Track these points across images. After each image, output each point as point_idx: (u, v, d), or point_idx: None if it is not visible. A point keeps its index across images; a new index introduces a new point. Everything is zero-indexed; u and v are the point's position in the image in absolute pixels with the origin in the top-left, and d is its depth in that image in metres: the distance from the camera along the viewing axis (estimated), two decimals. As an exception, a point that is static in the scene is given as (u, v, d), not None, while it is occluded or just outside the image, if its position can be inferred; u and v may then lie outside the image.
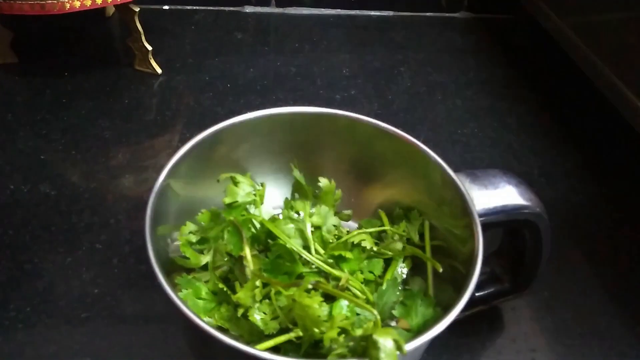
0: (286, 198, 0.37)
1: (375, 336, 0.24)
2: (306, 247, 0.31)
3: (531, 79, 0.66)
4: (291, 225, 0.31)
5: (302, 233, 0.31)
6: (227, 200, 0.30)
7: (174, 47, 0.64)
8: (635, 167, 0.55)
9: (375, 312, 0.26)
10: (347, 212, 0.38)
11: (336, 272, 0.30)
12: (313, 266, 0.30)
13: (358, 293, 0.30)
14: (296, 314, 0.26)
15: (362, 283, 0.31)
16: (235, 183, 0.31)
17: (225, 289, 0.29)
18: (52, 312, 0.38)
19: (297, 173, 0.34)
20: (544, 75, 0.67)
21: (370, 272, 0.33)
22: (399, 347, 0.24)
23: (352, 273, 0.32)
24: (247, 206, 0.31)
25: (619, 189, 0.53)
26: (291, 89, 0.60)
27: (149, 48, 0.59)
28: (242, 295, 0.27)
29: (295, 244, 0.30)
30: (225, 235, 0.30)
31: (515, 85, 0.65)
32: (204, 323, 0.24)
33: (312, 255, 0.31)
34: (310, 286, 0.27)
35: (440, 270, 0.31)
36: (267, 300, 0.28)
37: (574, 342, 0.40)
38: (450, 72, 0.66)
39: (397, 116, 0.58)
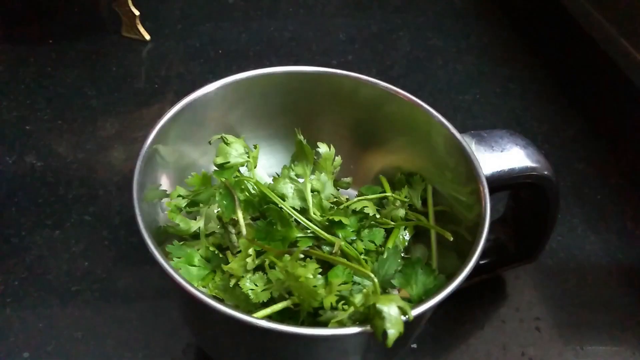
0: (285, 165, 0.35)
1: (379, 305, 0.22)
2: (304, 210, 0.29)
3: (534, 43, 0.64)
4: (290, 185, 0.29)
5: (300, 193, 0.29)
6: (219, 160, 0.28)
7: (162, 12, 0.62)
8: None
9: (373, 275, 0.25)
10: (347, 179, 0.36)
11: (331, 238, 0.29)
12: (308, 231, 0.29)
13: (354, 259, 0.29)
14: (291, 285, 0.25)
15: (361, 253, 0.30)
16: (227, 143, 0.29)
17: (218, 253, 0.28)
18: (41, 285, 0.37)
19: (299, 136, 0.33)
20: (548, 39, 0.65)
21: (371, 241, 0.31)
22: (404, 313, 0.22)
23: (350, 241, 0.30)
24: (240, 169, 0.30)
25: (624, 156, 0.52)
26: (285, 54, 0.58)
27: (137, 13, 0.56)
28: (234, 265, 0.26)
29: (290, 207, 0.28)
30: (217, 198, 0.28)
31: (518, 50, 0.62)
32: (200, 293, 0.23)
33: (309, 219, 0.29)
34: (301, 255, 0.25)
35: (451, 239, 0.30)
36: (260, 272, 0.27)
37: (578, 311, 0.39)
38: (450, 36, 0.63)
39: (396, 82, 0.55)
